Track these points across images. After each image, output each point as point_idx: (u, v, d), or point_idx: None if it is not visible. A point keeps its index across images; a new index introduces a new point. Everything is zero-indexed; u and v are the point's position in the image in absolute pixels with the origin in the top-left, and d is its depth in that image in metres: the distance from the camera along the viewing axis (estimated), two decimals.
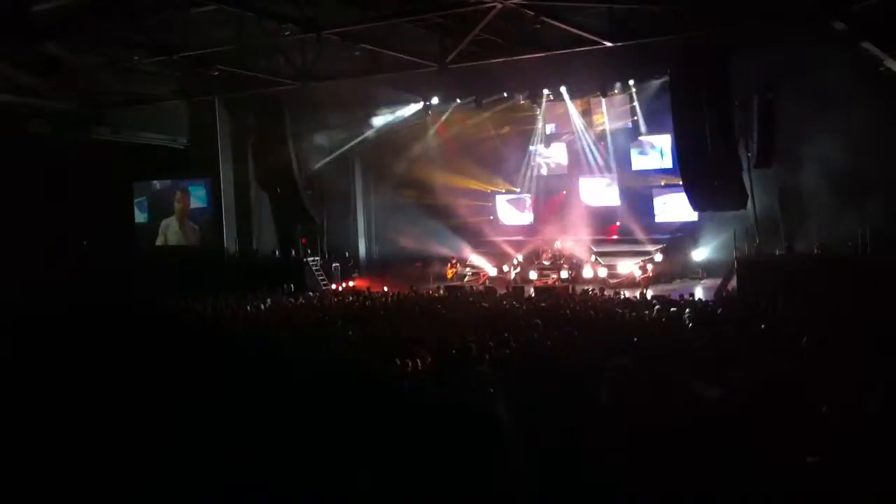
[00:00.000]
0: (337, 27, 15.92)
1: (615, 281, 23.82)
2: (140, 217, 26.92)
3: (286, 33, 16.39)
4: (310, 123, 25.31)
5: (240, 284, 21.21)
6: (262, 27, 16.07)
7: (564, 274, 24.73)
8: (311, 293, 22.02)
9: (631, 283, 23.38)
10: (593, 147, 27.04)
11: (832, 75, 17.48)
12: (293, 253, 25.61)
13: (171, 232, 26.59)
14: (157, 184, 26.94)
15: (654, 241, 25.03)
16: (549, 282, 24.42)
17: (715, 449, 3.50)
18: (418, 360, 7.98)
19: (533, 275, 25.23)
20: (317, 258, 25.75)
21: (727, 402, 3.58)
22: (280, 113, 23.64)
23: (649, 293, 20.21)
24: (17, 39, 15.32)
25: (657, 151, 25.76)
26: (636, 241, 25.35)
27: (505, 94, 25.93)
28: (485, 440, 3.45)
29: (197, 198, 26.24)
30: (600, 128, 26.77)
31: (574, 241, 25.91)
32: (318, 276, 25.22)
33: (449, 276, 26.03)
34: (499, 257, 26.53)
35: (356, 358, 9.18)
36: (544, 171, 28.44)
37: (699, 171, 19.30)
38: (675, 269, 24.44)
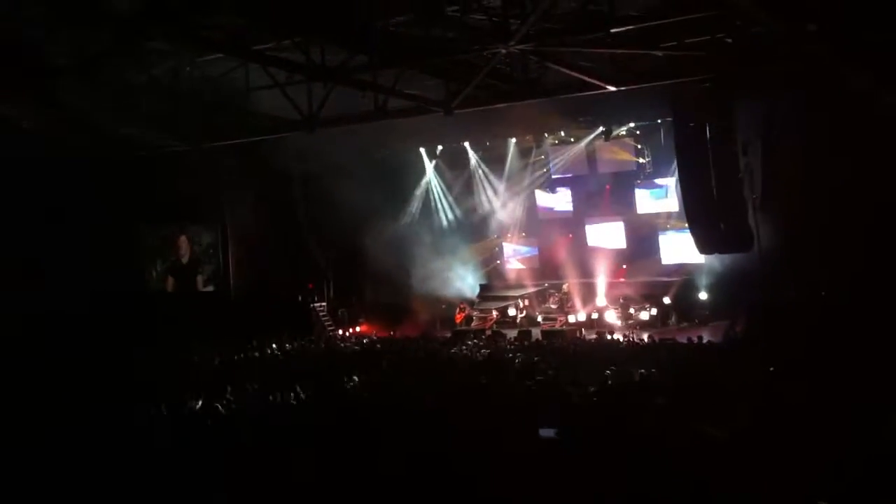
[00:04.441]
0: (344, 73, 16.05)
1: (623, 323, 23.71)
2: (146, 261, 26.64)
3: (289, 79, 16.55)
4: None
5: (247, 329, 21.11)
6: (268, 74, 16.23)
7: (572, 318, 24.59)
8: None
9: (639, 326, 23.24)
10: (598, 190, 27.12)
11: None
12: (299, 298, 25.51)
13: (177, 276, 26.37)
14: (163, 228, 26.61)
15: (661, 284, 24.94)
16: (557, 325, 24.29)
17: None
18: None
19: (540, 318, 25.12)
20: (323, 303, 25.66)
21: (734, 441, 3.52)
22: (286, 158, 23.72)
23: (657, 336, 20.09)
24: (28, 78, 15.54)
25: (662, 193, 25.79)
26: (643, 284, 25.26)
27: (511, 139, 26.13)
28: None
29: (203, 243, 26.15)
30: (605, 170, 26.87)
31: (580, 284, 25.83)
32: (325, 320, 25.11)
33: (458, 320, 25.90)
34: (506, 301, 26.41)
35: None
36: (549, 215, 28.49)
37: (704, 214, 19.23)
38: (683, 311, 24.28)
